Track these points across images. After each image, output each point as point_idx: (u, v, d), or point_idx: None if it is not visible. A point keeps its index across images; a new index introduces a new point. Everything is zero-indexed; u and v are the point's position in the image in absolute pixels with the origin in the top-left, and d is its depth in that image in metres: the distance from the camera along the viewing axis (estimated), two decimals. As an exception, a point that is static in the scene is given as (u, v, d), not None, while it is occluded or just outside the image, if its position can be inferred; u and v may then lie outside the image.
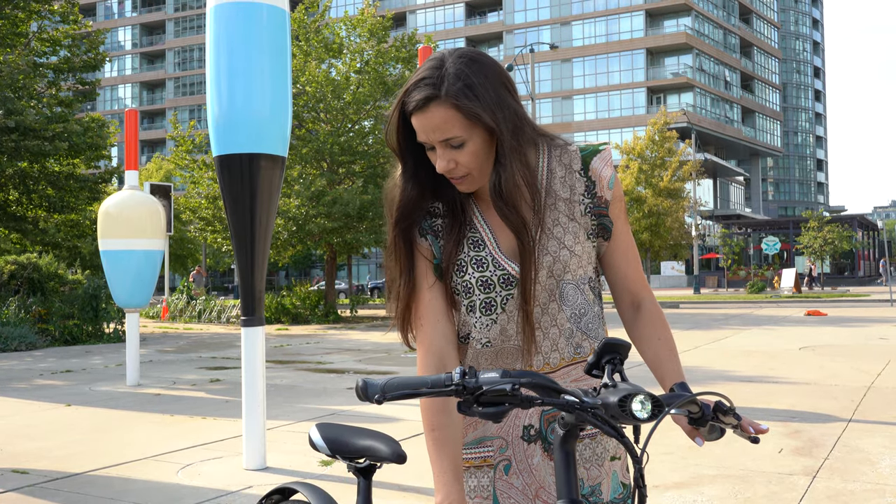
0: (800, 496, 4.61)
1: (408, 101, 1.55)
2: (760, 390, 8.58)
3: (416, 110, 1.54)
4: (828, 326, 17.40)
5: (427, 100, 1.52)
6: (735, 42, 72.02)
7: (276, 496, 2.28)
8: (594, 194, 1.66)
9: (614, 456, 1.67)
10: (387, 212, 1.67)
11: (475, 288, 1.64)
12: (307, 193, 20.98)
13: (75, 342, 16.38)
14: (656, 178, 30.91)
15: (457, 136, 1.53)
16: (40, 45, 21.06)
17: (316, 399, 8.57)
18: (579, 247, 1.64)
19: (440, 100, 1.51)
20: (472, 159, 1.56)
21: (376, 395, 1.31)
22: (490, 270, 1.63)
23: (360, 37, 24.07)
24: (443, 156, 1.55)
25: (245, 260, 5.66)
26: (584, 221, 1.65)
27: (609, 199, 1.67)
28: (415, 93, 1.54)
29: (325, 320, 22.98)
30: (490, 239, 1.65)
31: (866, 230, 57.17)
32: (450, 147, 1.54)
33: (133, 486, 5.08)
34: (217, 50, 5.57)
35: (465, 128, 1.53)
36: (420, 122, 1.54)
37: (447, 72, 1.53)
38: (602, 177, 1.66)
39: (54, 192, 20.25)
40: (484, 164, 1.58)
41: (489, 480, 1.66)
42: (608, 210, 1.67)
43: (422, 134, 1.55)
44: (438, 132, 1.53)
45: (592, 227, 1.66)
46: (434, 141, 1.54)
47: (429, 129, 1.53)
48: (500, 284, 1.63)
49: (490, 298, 1.63)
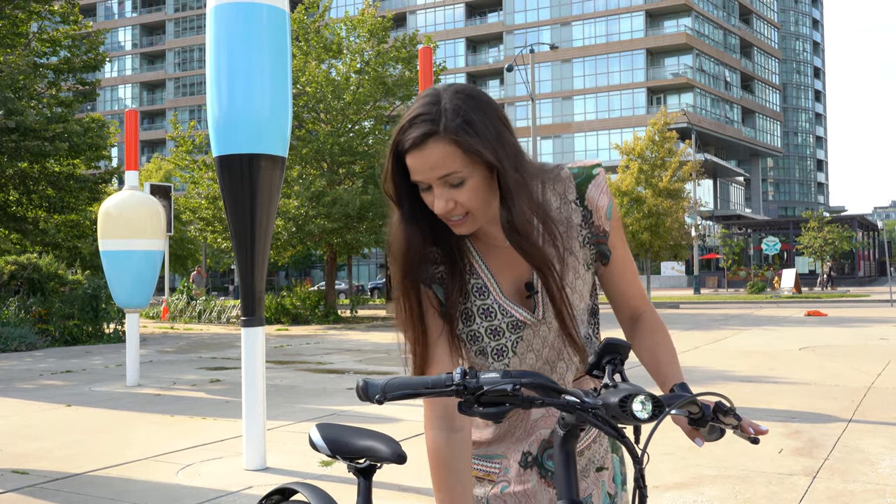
0: (800, 496, 4.61)
1: (403, 140, 1.47)
2: (760, 391, 8.58)
3: (412, 148, 1.45)
4: (828, 327, 17.40)
5: (425, 136, 1.44)
6: (735, 42, 72.02)
7: (276, 496, 2.27)
8: (591, 223, 1.62)
9: (601, 466, 1.68)
10: (391, 261, 1.59)
11: (484, 336, 1.63)
12: (307, 194, 20.98)
13: (75, 342, 16.38)
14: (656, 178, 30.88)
15: (457, 173, 1.45)
16: (40, 46, 21.06)
17: (316, 399, 8.57)
18: (580, 281, 1.62)
19: (439, 136, 1.44)
20: (473, 197, 1.48)
21: (377, 396, 1.31)
22: (498, 319, 1.61)
23: (360, 37, 24.08)
24: (441, 195, 1.47)
25: (245, 260, 5.66)
26: (582, 253, 1.62)
27: (608, 230, 1.64)
28: (411, 130, 1.46)
29: (325, 321, 22.98)
30: (493, 284, 1.61)
31: (866, 230, 57.16)
32: (448, 186, 1.47)
33: (133, 486, 5.07)
34: (217, 50, 5.57)
35: (465, 164, 1.46)
36: (417, 161, 1.46)
37: (444, 108, 1.46)
38: (599, 206, 1.62)
39: (54, 192, 20.25)
40: (483, 204, 1.51)
41: (484, 493, 1.67)
42: (607, 240, 1.65)
43: (418, 173, 1.47)
44: (437, 170, 1.45)
45: (591, 256, 1.64)
46: (432, 179, 1.47)
47: (427, 167, 1.45)
48: (509, 330, 1.61)
49: (500, 345, 1.63)
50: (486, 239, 1.62)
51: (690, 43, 63.42)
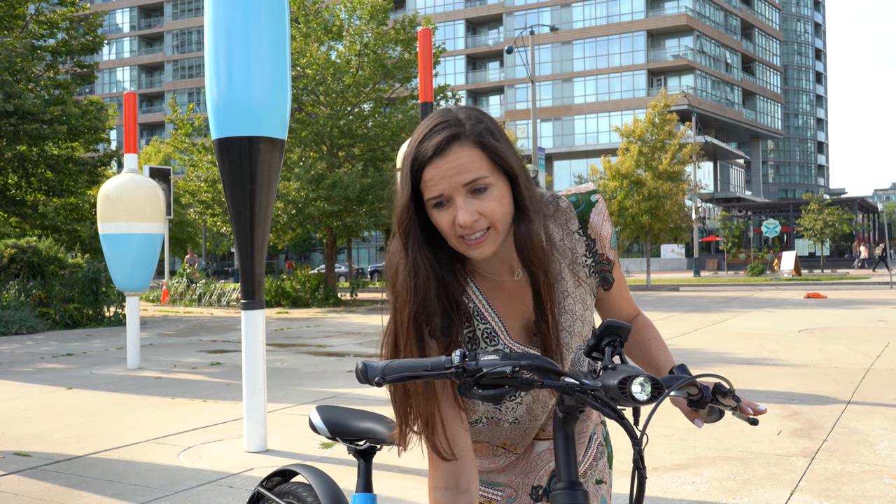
0: (798, 477, 4.63)
1: (424, 150, 1.39)
2: (760, 373, 8.60)
3: (435, 155, 1.38)
4: (827, 309, 17.42)
5: (449, 140, 1.38)
6: (736, 24, 71.67)
7: (276, 478, 2.29)
8: (595, 252, 1.59)
9: (599, 480, 1.67)
10: (393, 296, 1.48)
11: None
12: (307, 177, 20.94)
13: (76, 326, 16.40)
14: (656, 160, 30.80)
15: (483, 178, 1.38)
16: (38, 28, 20.95)
17: (316, 382, 8.59)
18: (588, 312, 1.60)
19: (463, 139, 1.38)
20: (497, 207, 1.40)
21: (376, 378, 1.31)
22: None
23: (360, 19, 23.96)
24: (464, 205, 1.37)
25: (245, 243, 5.65)
26: (588, 283, 1.60)
27: (612, 259, 1.62)
28: (431, 137, 1.39)
29: (325, 304, 23.00)
30: (500, 328, 1.55)
31: (866, 213, 57.14)
32: (472, 195, 1.39)
33: (134, 468, 5.10)
34: (216, 32, 5.54)
35: (490, 171, 1.39)
36: (438, 169, 1.38)
37: (461, 117, 1.41)
38: (603, 235, 1.59)
39: (53, 175, 20.20)
40: (506, 216, 1.42)
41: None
42: (611, 268, 1.64)
43: (440, 183, 1.38)
44: (463, 174, 1.37)
45: (596, 286, 1.63)
46: (455, 188, 1.38)
47: (451, 173, 1.37)
48: None
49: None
50: (490, 273, 1.55)
51: (691, 24, 63.12)
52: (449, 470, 1.46)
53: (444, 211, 1.41)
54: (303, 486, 2.17)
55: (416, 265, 1.44)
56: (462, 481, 1.47)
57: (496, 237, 1.42)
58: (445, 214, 1.40)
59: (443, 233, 1.43)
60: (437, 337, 1.47)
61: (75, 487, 4.67)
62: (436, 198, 1.40)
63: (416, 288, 1.44)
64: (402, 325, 1.45)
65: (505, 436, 1.64)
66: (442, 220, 1.41)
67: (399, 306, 1.46)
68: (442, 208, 1.41)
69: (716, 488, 4.46)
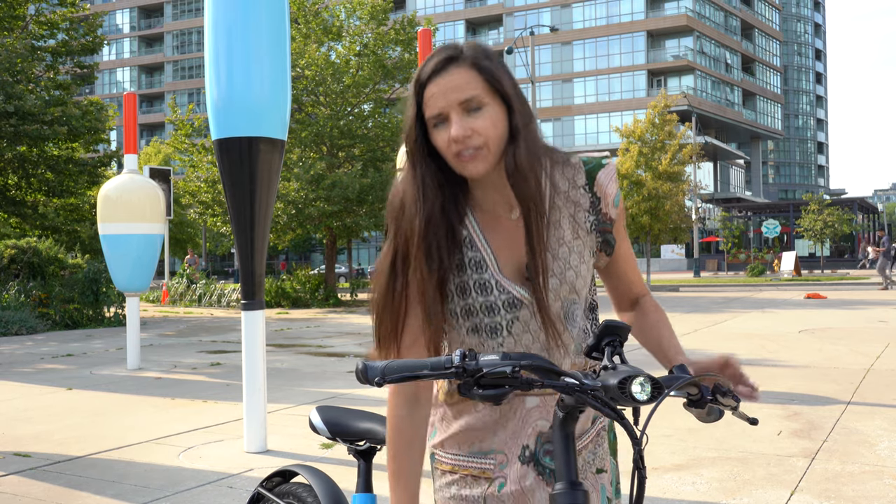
0: (798, 478, 4.63)
1: (424, 70, 1.51)
2: (760, 373, 8.60)
3: (434, 74, 1.50)
4: (827, 309, 17.42)
5: (448, 61, 1.50)
6: (736, 24, 71.69)
7: (276, 478, 2.29)
8: (598, 210, 1.62)
9: (600, 468, 1.65)
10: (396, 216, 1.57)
11: (479, 311, 1.58)
12: (307, 177, 20.94)
13: (76, 326, 16.41)
14: (656, 161, 30.81)
15: (476, 96, 1.48)
16: (38, 28, 20.96)
17: (316, 382, 8.60)
18: (584, 267, 1.60)
19: (461, 60, 1.50)
20: (490, 126, 1.49)
21: (376, 378, 1.31)
22: (494, 294, 1.57)
23: (359, 19, 23.96)
24: (458, 122, 1.48)
25: (245, 244, 5.65)
26: (588, 239, 1.61)
27: (614, 218, 1.64)
28: (432, 60, 1.51)
29: (325, 304, 23.00)
30: (491, 260, 1.58)
31: (866, 213, 57.14)
32: (467, 112, 1.48)
33: (134, 469, 5.10)
34: (216, 33, 5.54)
35: (485, 92, 1.49)
36: (437, 87, 1.49)
37: (461, 45, 1.53)
38: (608, 193, 1.62)
39: (53, 176, 20.21)
40: (499, 138, 1.51)
41: (481, 493, 1.63)
42: (612, 228, 1.64)
43: (439, 99, 1.49)
44: (458, 92, 1.48)
45: (597, 244, 1.64)
46: (451, 104, 1.48)
47: (447, 90, 1.48)
48: (504, 308, 1.57)
49: (495, 322, 1.59)
50: (490, 208, 1.60)
51: (691, 25, 63.13)
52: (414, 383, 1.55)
53: (442, 130, 1.50)
54: (303, 487, 2.17)
55: (423, 178, 1.54)
56: (421, 396, 1.57)
57: (488, 156, 1.50)
58: (444, 133, 1.50)
59: (442, 153, 1.52)
60: (435, 257, 1.53)
61: (75, 488, 4.67)
62: (435, 116, 1.50)
63: (425, 197, 1.53)
64: (413, 235, 1.53)
65: None
66: (440, 138, 1.51)
67: (406, 221, 1.54)
68: (441, 128, 1.51)
69: (716, 489, 4.46)
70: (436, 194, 1.54)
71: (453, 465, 1.65)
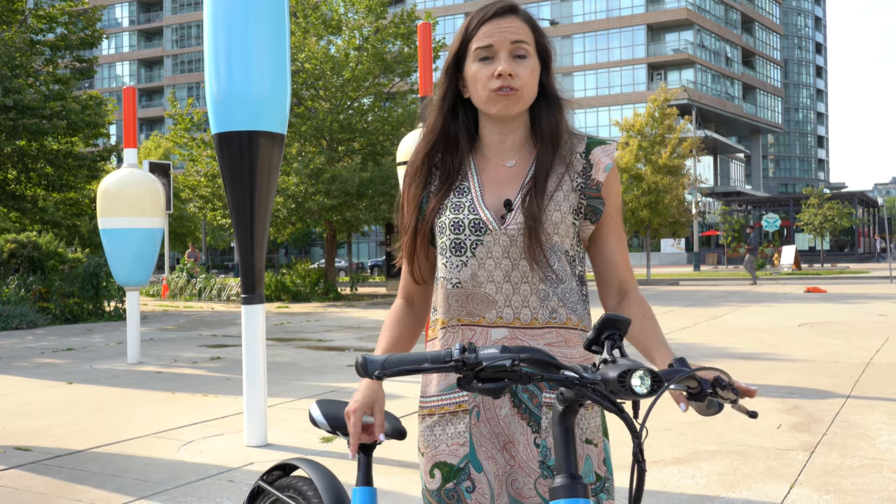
0: (798, 471, 4.64)
1: (486, 10, 1.70)
2: (760, 367, 8.61)
3: (495, 16, 1.68)
4: (827, 303, 17.43)
5: (509, 9, 1.70)
6: (736, 18, 71.53)
7: (277, 472, 2.29)
8: (588, 176, 1.73)
9: (589, 440, 1.68)
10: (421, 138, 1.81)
11: (447, 228, 1.71)
12: (306, 171, 20.93)
13: (76, 320, 16.41)
14: (656, 154, 30.76)
15: (526, 44, 1.68)
16: (37, 22, 20.91)
17: (316, 376, 8.60)
18: (570, 216, 1.70)
19: (519, 14, 1.71)
20: (530, 75, 1.68)
21: (376, 372, 1.32)
22: (463, 214, 1.70)
23: (358, 13, 23.90)
24: (507, 60, 1.66)
25: (245, 238, 5.65)
26: (573, 197, 1.71)
27: (601, 181, 1.73)
28: (495, 4, 1.70)
29: (325, 298, 23.01)
30: (476, 191, 1.73)
31: (866, 207, 57.10)
32: (514, 57, 1.67)
33: (135, 463, 5.11)
34: (215, 27, 5.53)
35: (531, 45, 1.70)
36: (494, 26, 1.68)
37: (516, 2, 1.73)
38: (600, 161, 1.75)
39: (53, 170, 20.18)
40: (532, 88, 1.70)
41: (465, 426, 1.70)
42: (600, 192, 1.73)
43: (494, 35, 1.67)
44: (512, 33, 1.67)
45: (580, 205, 1.72)
46: (504, 42, 1.66)
47: (505, 29, 1.67)
48: (469, 228, 1.69)
49: (459, 240, 1.70)
50: (492, 154, 1.76)
51: (691, 18, 62.99)
52: (409, 289, 1.87)
53: (485, 65, 1.68)
54: (303, 480, 2.17)
55: (440, 112, 1.77)
56: (416, 301, 1.88)
57: (519, 100, 1.68)
58: (487, 69, 1.67)
59: (476, 87, 1.69)
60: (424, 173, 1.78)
61: (76, 482, 4.68)
62: (485, 48, 1.67)
63: (434, 127, 1.78)
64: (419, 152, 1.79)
65: (447, 304, 1.72)
66: (481, 72, 1.68)
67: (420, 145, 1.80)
68: (484, 62, 1.68)
69: (715, 482, 4.47)
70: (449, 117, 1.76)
71: (431, 407, 1.74)
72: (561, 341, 1.68)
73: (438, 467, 1.70)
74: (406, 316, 1.87)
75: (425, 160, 1.78)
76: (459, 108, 1.77)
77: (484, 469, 1.68)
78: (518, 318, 1.67)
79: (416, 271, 1.82)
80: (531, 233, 1.65)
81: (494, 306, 1.68)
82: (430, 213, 1.74)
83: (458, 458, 1.69)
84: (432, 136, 1.77)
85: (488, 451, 1.68)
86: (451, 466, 1.69)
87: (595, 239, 1.77)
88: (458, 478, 1.68)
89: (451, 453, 1.69)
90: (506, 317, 1.68)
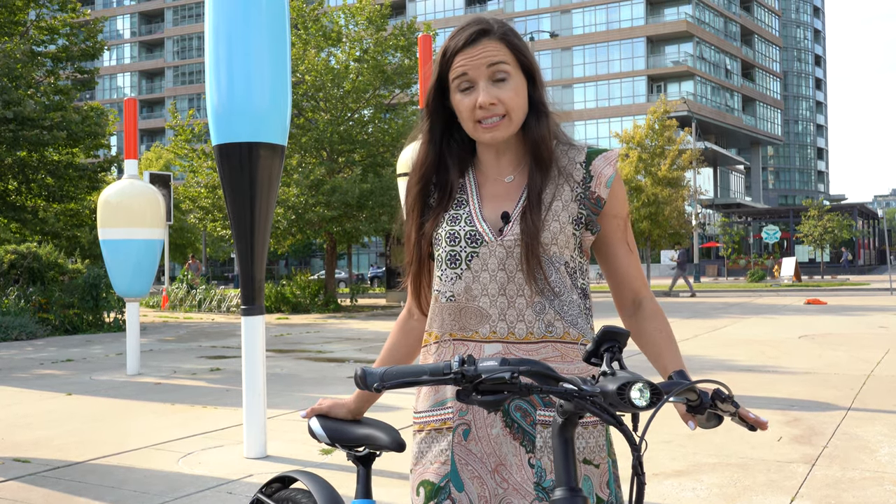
0: (799, 484, 4.62)
1: (456, 41, 1.64)
2: (760, 379, 8.59)
3: (465, 45, 1.62)
4: (827, 315, 17.41)
5: (480, 33, 1.63)
6: (736, 30, 71.78)
7: (276, 484, 2.28)
8: (588, 187, 1.70)
9: (588, 459, 1.64)
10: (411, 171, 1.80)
11: (443, 240, 1.70)
12: (306, 182, 20.96)
13: (76, 331, 16.40)
14: (655, 166, 30.81)
15: (504, 65, 1.62)
16: (38, 34, 20.98)
17: (316, 388, 8.59)
18: (570, 227, 1.67)
19: (492, 34, 1.63)
20: (514, 97, 1.63)
21: (375, 384, 1.32)
22: (460, 226, 1.69)
23: (358, 25, 24.00)
24: (486, 89, 1.61)
25: (245, 249, 5.65)
26: (572, 207, 1.68)
27: (604, 198, 1.70)
28: (464, 31, 1.64)
29: (325, 309, 22.99)
30: (474, 204, 1.71)
31: (866, 219, 57.13)
32: (493, 82, 1.62)
33: (134, 474, 5.09)
34: (216, 38, 5.55)
35: (511, 63, 1.63)
36: (467, 55, 1.62)
37: (489, 19, 1.67)
38: (602, 174, 1.70)
39: (53, 181, 20.21)
40: (520, 108, 1.65)
41: (447, 444, 1.66)
42: (602, 208, 1.70)
43: (468, 64, 1.61)
44: (487, 58, 1.61)
45: (580, 215, 1.69)
46: (480, 72, 1.61)
47: (478, 58, 1.61)
48: (465, 239, 1.67)
49: (455, 252, 1.68)
50: (488, 170, 1.74)
51: (691, 31, 63.21)
52: (413, 305, 1.87)
53: (466, 96, 1.64)
54: (302, 493, 2.17)
55: (425, 147, 1.75)
56: (414, 315, 1.88)
57: (509, 125, 1.64)
58: (467, 99, 1.63)
59: (462, 117, 1.67)
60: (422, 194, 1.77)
61: (75, 494, 4.66)
62: (461, 76, 1.63)
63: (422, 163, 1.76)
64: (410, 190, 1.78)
65: (441, 318, 1.71)
66: (463, 104, 1.64)
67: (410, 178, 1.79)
68: (465, 93, 1.64)
69: (716, 495, 4.46)
70: (439, 146, 1.74)
71: (421, 423, 1.73)
72: (557, 356, 1.64)
73: (423, 485, 1.68)
74: (411, 327, 1.89)
75: (419, 197, 1.77)
76: (454, 128, 1.74)
77: (466, 489, 1.64)
78: (513, 333, 1.64)
79: (422, 302, 1.84)
80: (527, 243, 1.63)
81: (488, 321, 1.66)
82: (430, 226, 1.73)
83: (439, 476, 1.66)
84: (423, 171, 1.76)
85: (474, 471, 1.64)
86: (434, 485, 1.66)
87: (604, 251, 1.75)
88: (438, 497, 1.65)
89: (434, 472, 1.67)
90: (500, 331, 1.65)
